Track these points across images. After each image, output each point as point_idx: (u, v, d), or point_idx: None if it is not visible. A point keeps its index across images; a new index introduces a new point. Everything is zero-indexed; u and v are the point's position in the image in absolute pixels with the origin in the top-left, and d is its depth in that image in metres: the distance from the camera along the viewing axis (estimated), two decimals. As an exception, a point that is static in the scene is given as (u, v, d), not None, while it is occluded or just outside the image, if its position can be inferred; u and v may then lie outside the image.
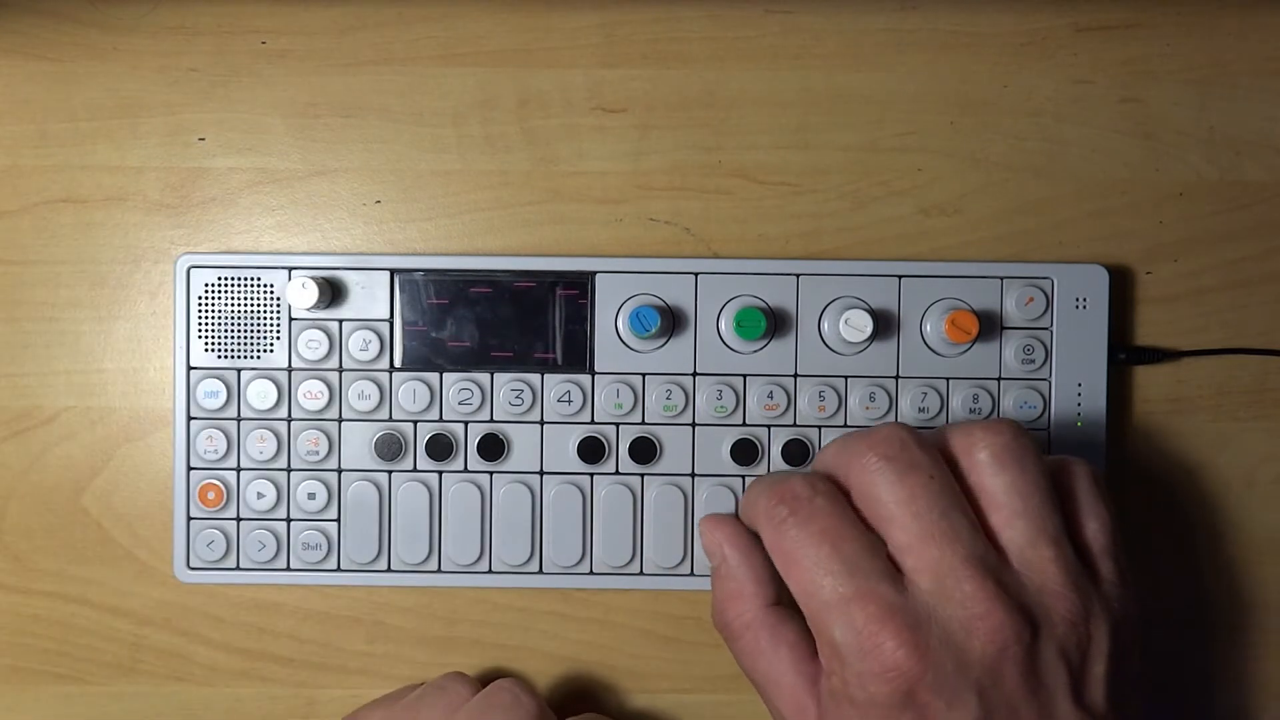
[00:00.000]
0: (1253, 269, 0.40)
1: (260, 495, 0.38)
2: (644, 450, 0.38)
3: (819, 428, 0.39)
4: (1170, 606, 0.40)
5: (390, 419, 0.38)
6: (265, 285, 0.38)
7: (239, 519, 0.39)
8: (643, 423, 0.39)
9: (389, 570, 0.39)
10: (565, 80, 0.40)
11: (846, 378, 0.39)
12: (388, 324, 0.38)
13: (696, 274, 0.39)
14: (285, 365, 0.38)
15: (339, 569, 0.39)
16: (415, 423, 0.38)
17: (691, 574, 0.39)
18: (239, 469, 0.38)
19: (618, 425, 0.39)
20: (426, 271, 0.38)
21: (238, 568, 0.39)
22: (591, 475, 0.39)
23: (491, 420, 0.39)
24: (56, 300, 0.40)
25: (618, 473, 0.39)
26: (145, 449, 0.40)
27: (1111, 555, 0.32)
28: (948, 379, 0.39)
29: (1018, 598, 0.30)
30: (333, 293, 0.38)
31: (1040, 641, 0.30)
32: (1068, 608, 0.30)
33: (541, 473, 0.39)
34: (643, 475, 0.39)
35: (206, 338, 0.38)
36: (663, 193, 0.40)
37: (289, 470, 0.39)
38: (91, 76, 0.40)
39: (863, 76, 0.40)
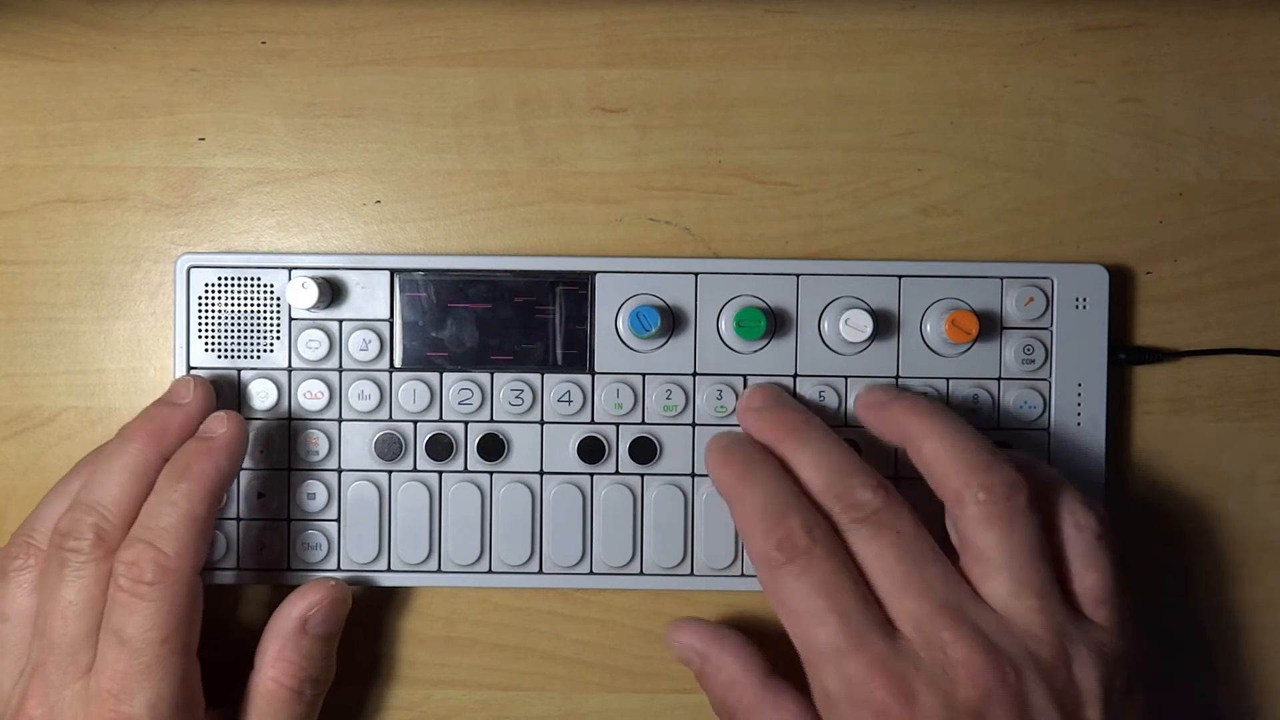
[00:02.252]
0: (1253, 269, 0.40)
1: (260, 495, 0.38)
2: (644, 450, 0.38)
3: (819, 428, 0.39)
4: (1170, 607, 0.40)
5: (390, 419, 0.38)
6: (265, 285, 0.38)
7: (239, 519, 0.39)
8: (643, 423, 0.39)
9: (389, 570, 0.39)
10: (565, 80, 0.40)
11: (846, 378, 0.39)
12: (388, 324, 0.38)
13: (696, 274, 0.39)
14: (285, 365, 0.38)
15: (339, 569, 0.39)
16: (415, 423, 0.39)
17: (691, 574, 0.39)
18: (239, 469, 0.38)
19: (618, 425, 0.39)
20: (426, 271, 0.38)
21: (238, 568, 0.39)
22: (591, 475, 0.39)
23: (491, 420, 0.39)
24: (56, 300, 0.40)
25: (618, 473, 0.39)
26: (145, 449, 0.40)
27: (1108, 604, 0.33)
28: (948, 379, 0.39)
29: (999, 643, 0.31)
30: (333, 293, 0.38)
31: (1028, 686, 0.30)
32: (1050, 654, 0.31)
33: (541, 473, 0.39)
34: (643, 475, 0.39)
35: (206, 338, 0.38)
36: (663, 193, 0.40)
37: (289, 470, 0.39)
38: (91, 76, 0.40)
39: (863, 76, 0.40)
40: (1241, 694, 0.40)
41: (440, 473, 0.39)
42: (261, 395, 0.38)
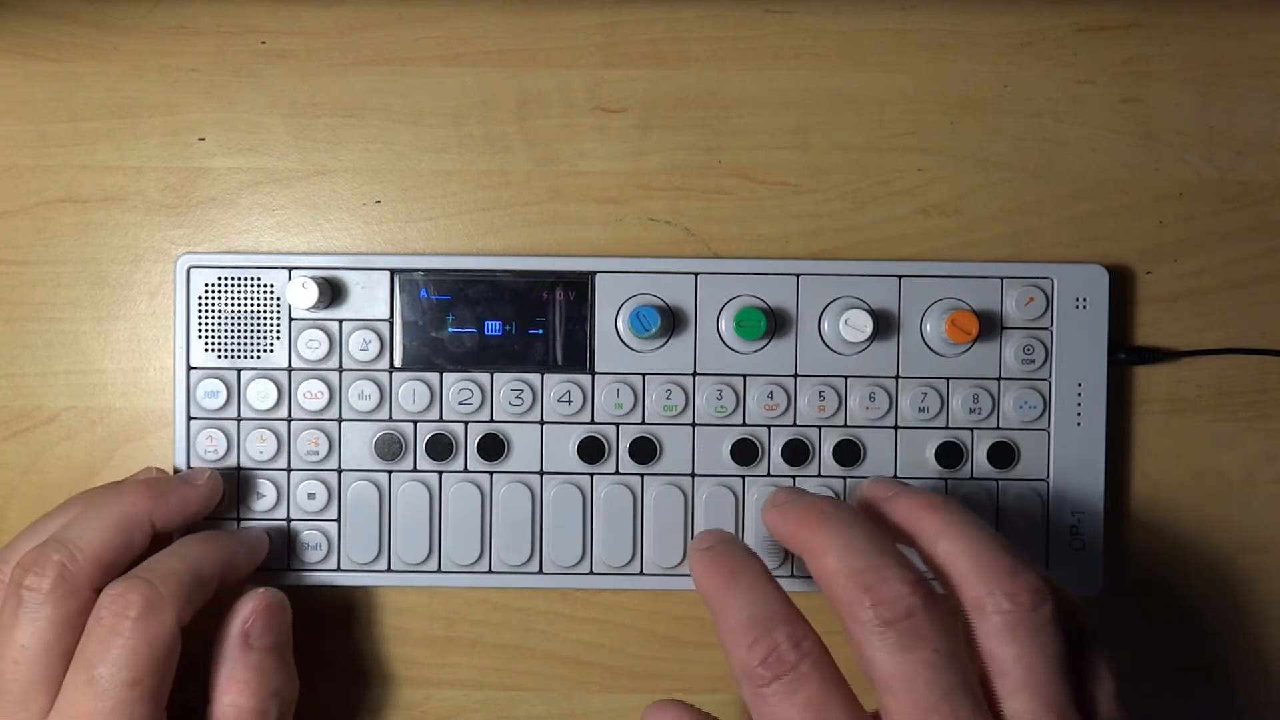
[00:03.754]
0: (1253, 269, 0.40)
1: (260, 495, 0.38)
2: (644, 450, 0.38)
3: (819, 428, 0.39)
4: (1170, 607, 0.40)
5: (390, 419, 0.38)
6: (265, 285, 0.38)
7: (239, 519, 0.39)
8: (643, 423, 0.39)
9: (389, 570, 0.39)
10: (565, 80, 0.40)
11: (846, 378, 0.39)
12: (388, 324, 0.38)
13: (696, 274, 0.39)
14: (285, 365, 0.38)
15: (339, 569, 0.39)
16: (415, 423, 0.38)
17: (692, 574, 0.39)
18: (239, 469, 0.38)
19: (618, 425, 0.39)
20: (426, 271, 0.38)
21: (238, 568, 0.39)
22: (591, 475, 0.39)
23: (491, 420, 0.39)
24: (56, 300, 0.40)
25: (618, 473, 0.39)
26: (145, 449, 0.40)
27: (1117, 716, 0.31)
28: (948, 379, 0.39)
29: None
30: (333, 293, 0.38)
31: None
32: None
33: (541, 473, 0.39)
34: (643, 475, 0.39)
35: (206, 338, 0.38)
36: (663, 193, 0.40)
37: (289, 470, 0.39)
38: (91, 76, 0.40)
39: (863, 76, 0.40)
40: (1241, 694, 0.40)
41: (440, 473, 0.39)
42: (261, 395, 0.38)
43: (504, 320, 0.38)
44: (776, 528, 0.34)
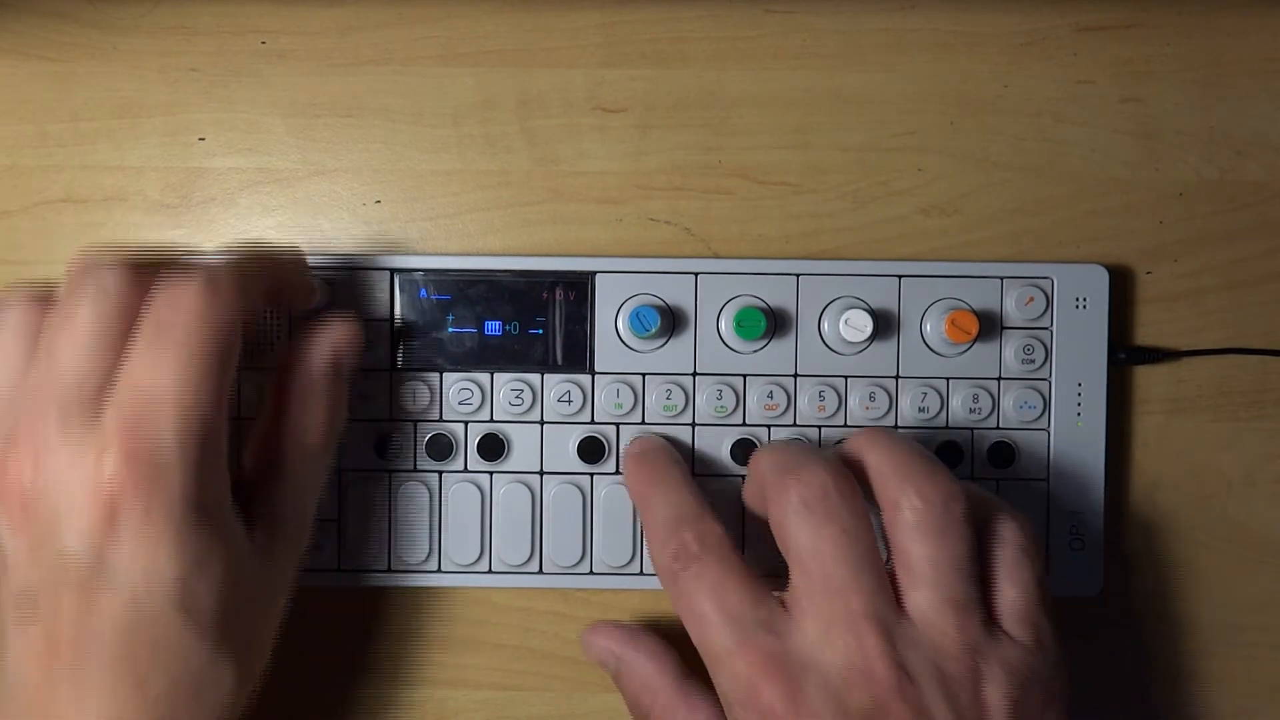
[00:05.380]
0: (1253, 269, 0.40)
1: (260, 495, 0.38)
2: (644, 450, 0.38)
3: (819, 427, 0.39)
4: (1170, 607, 0.40)
5: (390, 419, 0.38)
6: (265, 285, 0.38)
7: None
8: (643, 423, 0.39)
9: (389, 570, 0.39)
10: (565, 80, 0.40)
11: (846, 378, 0.39)
12: (388, 324, 0.38)
13: (696, 274, 0.39)
14: (285, 365, 0.38)
15: (339, 569, 0.39)
16: (415, 423, 0.39)
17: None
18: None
19: (618, 425, 0.39)
20: (426, 271, 0.38)
21: (238, 568, 0.39)
22: (591, 475, 0.39)
23: (491, 420, 0.39)
24: (56, 300, 0.40)
25: (618, 473, 0.39)
26: (145, 449, 0.40)
27: (1029, 621, 0.32)
28: (948, 379, 0.39)
29: (906, 656, 0.30)
30: (333, 293, 0.38)
31: (927, 700, 0.30)
32: (959, 670, 0.30)
33: (541, 473, 0.39)
34: (643, 475, 0.39)
35: (206, 338, 0.38)
36: (663, 193, 0.40)
37: (289, 470, 0.39)
38: (91, 76, 0.40)
39: (863, 76, 0.40)
40: (1242, 694, 0.40)
41: (440, 473, 0.39)
42: (261, 395, 0.38)
43: (504, 320, 0.38)
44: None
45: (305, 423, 0.34)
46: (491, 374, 0.38)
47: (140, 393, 0.29)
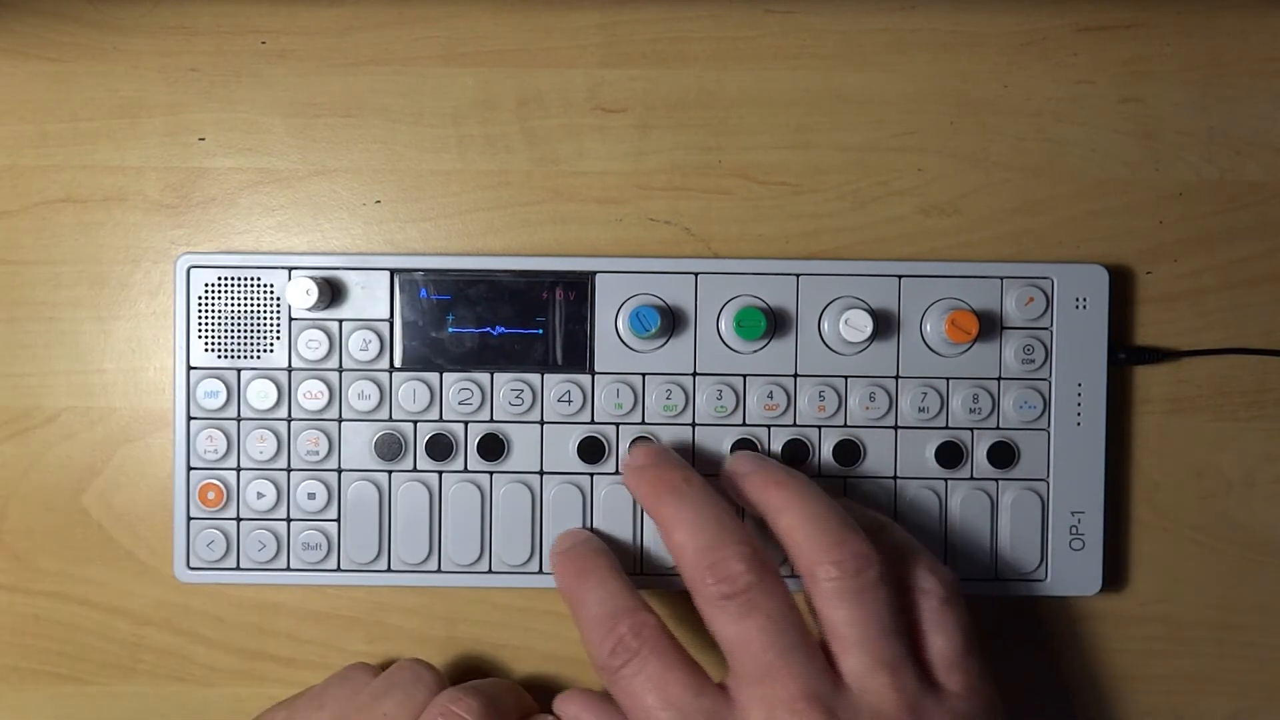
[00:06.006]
0: (1253, 269, 0.40)
1: (260, 495, 0.38)
2: (644, 450, 0.38)
3: (819, 428, 0.39)
4: (1170, 607, 0.40)
5: (390, 419, 0.38)
6: (265, 285, 0.38)
7: (239, 519, 0.39)
8: (643, 423, 0.39)
9: (389, 570, 0.39)
10: (565, 80, 0.40)
11: (846, 378, 0.39)
12: (388, 324, 0.38)
13: (696, 274, 0.39)
14: (285, 365, 0.38)
15: (339, 569, 0.39)
16: (415, 423, 0.38)
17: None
18: (239, 469, 0.38)
19: (618, 425, 0.39)
20: (426, 271, 0.38)
21: (238, 568, 0.39)
22: (591, 475, 0.39)
23: (491, 420, 0.39)
24: (56, 300, 0.40)
25: (618, 473, 0.39)
26: (145, 449, 0.40)
27: (960, 668, 0.33)
28: (948, 379, 0.39)
29: None
30: (333, 293, 0.38)
31: None
32: None
33: (541, 473, 0.39)
34: (643, 475, 0.39)
35: (206, 338, 0.38)
36: (663, 193, 0.40)
37: (289, 470, 0.39)
38: (91, 76, 0.40)
39: (863, 76, 0.40)
40: (1242, 694, 0.40)
41: (440, 473, 0.39)
42: (261, 395, 0.38)
43: (504, 320, 0.38)
44: (634, 489, 0.37)
45: None
46: (491, 374, 0.38)
47: None
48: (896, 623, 0.32)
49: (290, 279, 0.38)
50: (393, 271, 0.38)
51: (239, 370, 0.38)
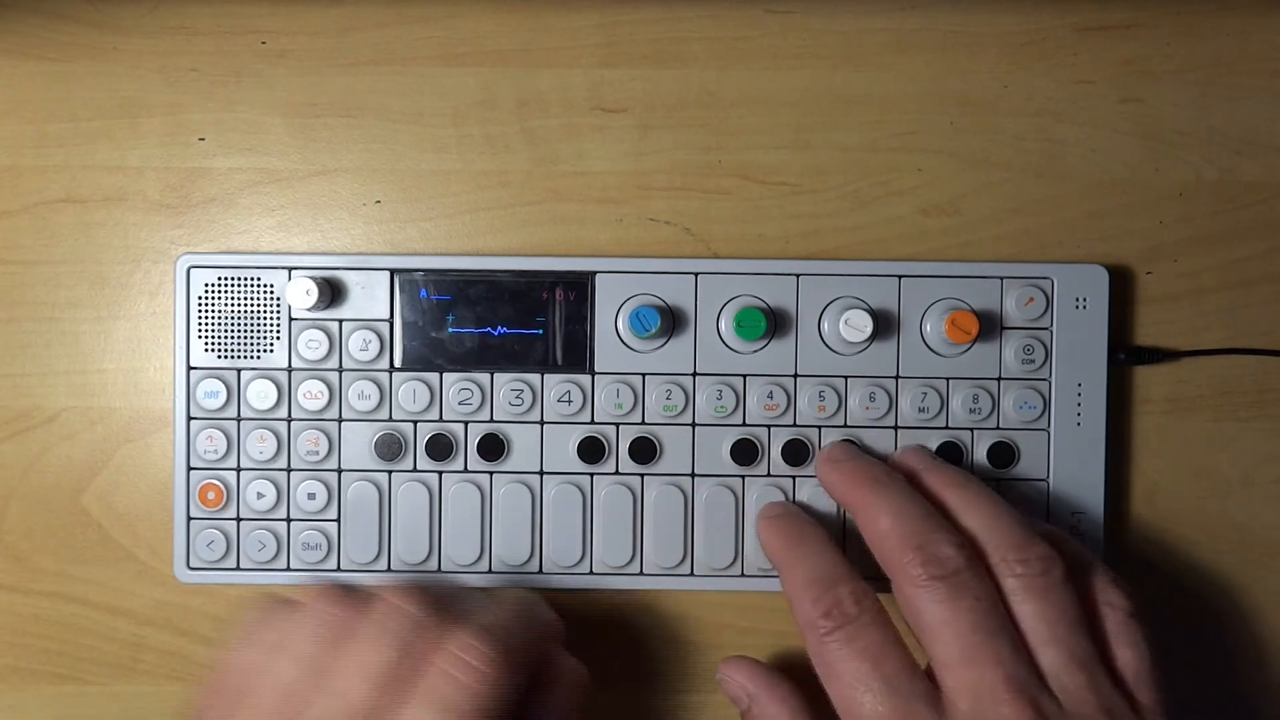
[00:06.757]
0: (1253, 269, 0.40)
1: (260, 495, 0.38)
2: (644, 450, 0.38)
3: (819, 428, 0.39)
4: (1170, 607, 0.40)
5: (390, 419, 0.38)
6: (265, 285, 0.38)
7: (239, 519, 0.39)
8: (643, 423, 0.39)
9: (389, 570, 0.39)
10: (565, 80, 0.40)
11: (846, 378, 0.39)
12: (388, 324, 0.38)
13: (696, 274, 0.39)
14: (285, 365, 0.38)
15: (339, 569, 0.39)
16: (415, 423, 0.39)
17: (691, 574, 0.39)
18: (239, 469, 0.38)
19: (618, 425, 0.39)
20: (426, 271, 0.38)
21: (238, 568, 0.39)
22: (591, 475, 0.39)
23: (491, 420, 0.39)
24: (56, 300, 0.40)
25: (618, 473, 0.39)
26: (145, 449, 0.40)
27: (1148, 683, 0.32)
28: (948, 379, 0.39)
29: None
30: (333, 293, 0.38)
31: None
32: None
33: (541, 473, 0.39)
34: (643, 475, 0.39)
35: (206, 338, 0.38)
36: (663, 193, 0.40)
37: (289, 470, 0.39)
38: (91, 76, 0.40)
39: (863, 76, 0.40)
40: (1243, 694, 0.40)
41: (440, 473, 0.39)
42: (261, 395, 0.38)
43: (504, 320, 0.38)
44: (833, 483, 0.37)
45: None
46: (491, 374, 0.38)
47: None
48: (1083, 623, 0.32)
49: (290, 279, 0.38)
50: (393, 271, 0.38)
51: (239, 370, 0.38)
